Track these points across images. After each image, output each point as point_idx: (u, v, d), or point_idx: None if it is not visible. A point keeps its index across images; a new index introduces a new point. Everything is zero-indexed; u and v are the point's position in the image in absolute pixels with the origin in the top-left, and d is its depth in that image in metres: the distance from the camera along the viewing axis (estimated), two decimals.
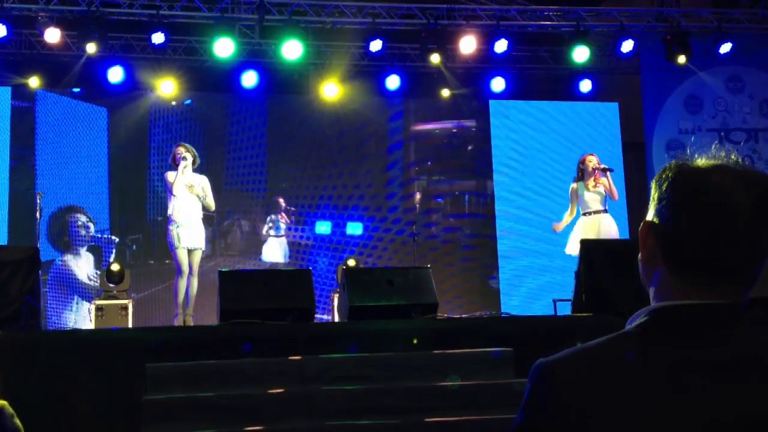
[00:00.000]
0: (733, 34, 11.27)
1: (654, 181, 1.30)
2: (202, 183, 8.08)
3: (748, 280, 1.23)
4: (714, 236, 1.21)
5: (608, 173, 8.27)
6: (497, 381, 5.53)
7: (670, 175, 1.27)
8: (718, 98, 11.81)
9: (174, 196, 7.89)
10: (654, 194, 1.29)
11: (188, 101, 11.15)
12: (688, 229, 1.23)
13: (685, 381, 1.15)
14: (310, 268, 8.04)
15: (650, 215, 1.29)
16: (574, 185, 8.42)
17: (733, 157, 1.28)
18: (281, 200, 11.30)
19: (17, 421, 1.99)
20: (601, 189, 8.27)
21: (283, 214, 11.21)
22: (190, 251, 7.90)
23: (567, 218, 8.52)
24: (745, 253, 1.22)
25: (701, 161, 1.27)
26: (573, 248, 8.33)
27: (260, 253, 11.17)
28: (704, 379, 1.16)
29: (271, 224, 11.19)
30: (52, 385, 5.26)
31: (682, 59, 11.13)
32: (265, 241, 11.19)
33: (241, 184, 11.26)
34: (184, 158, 7.95)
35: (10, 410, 1.99)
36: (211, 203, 8.13)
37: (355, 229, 11.43)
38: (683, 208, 1.24)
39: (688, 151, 1.31)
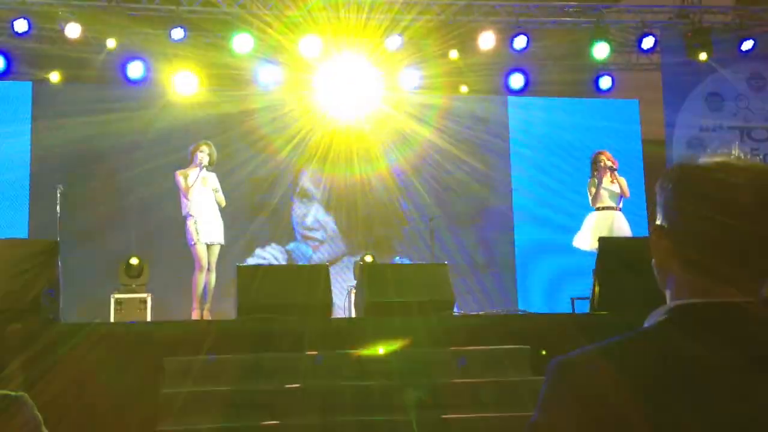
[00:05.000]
0: (755, 31, 11.16)
1: (658, 184, 1.29)
2: (213, 178, 8.09)
3: (762, 275, 1.23)
4: (723, 234, 1.20)
5: (614, 171, 8.24)
6: (514, 378, 5.52)
7: (673, 177, 1.27)
8: (739, 96, 11.70)
9: (188, 200, 7.88)
10: (659, 198, 1.28)
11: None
12: (697, 230, 1.22)
13: (704, 378, 1.15)
14: (327, 264, 8.03)
15: (659, 219, 1.29)
16: (591, 181, 8.41)
17: (734, 152, 1.28)
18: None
19: (37, 412, 2.01)
20: (616, 187, 8.24)
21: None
22: (208, 246, 7.92)
23: (595, 201, 8.40)
24: (756, 248, 1.21)
25: (703, 160, 1.27)
26: (581, 241, 8.30)
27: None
28: (723, 376, 1.15)
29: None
30: (70, 378, 5.31)
31: (703, 56, 11.04)
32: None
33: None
34: (203, 164, 7.92)
35: (30, 401, 2.01)
36: (222, 199, 8.13)
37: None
38: (690, 209, 1.24)
39: (699, 148, 1.30)
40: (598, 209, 8.30)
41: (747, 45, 11.08)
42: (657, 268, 1.30)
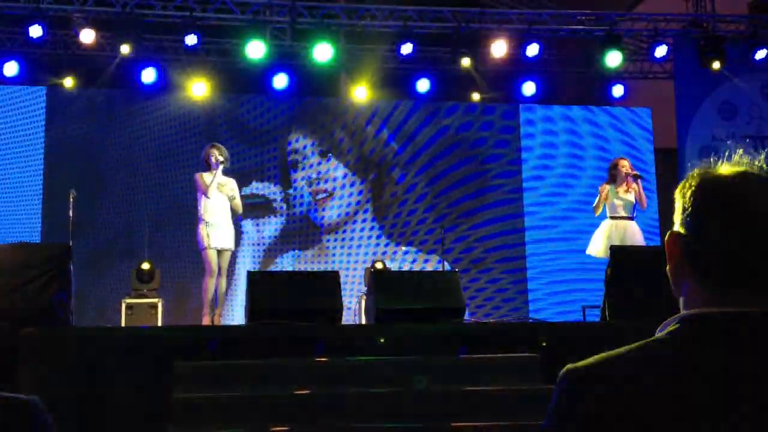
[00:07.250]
0: None
1: (678, 190, 1.29)
2: (231, 184, 8.13)
3: None
4: (740, 244, 1.20)
5: (639, 180, 8.16)
6: (524, 387, 5.50)
7: (693, 184, 1.27)
8: (753, 105, 11.64)
9: (208, 198, 7.93)
10: (678, 204, 1.28)
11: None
12: (714, 239, 1.22)
13: (717, 389, 1.14)
14: (338, 270, 8.03)
15: (676, 226, 1.28)
16: (605, 185, 8.27)
17: (757, 162, 1.27)
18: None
19: (48, 416, 2.02)
20: (632, 196, 8.16)
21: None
22: (219, 252, 7.94)
23: (598, 209, 8.33)
24: None
25: (724, 168, 1.26)
26: (594, 249, 8.24)
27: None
28: (736, 387, 1.14)
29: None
30: (81, 382, 5.33)
31: (716, 65, 11.00)
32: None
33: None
34: (221, 162, 7.97)
35: (42, 405, 2.02)
36: (240, 205, 8.16)
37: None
38: (708, 217, 1.23)
39: (712, 158, 1.30)
40: (611, 218, 8.23)
41: (761, 54, 11.04)
42: (671, 274, 1.30)
